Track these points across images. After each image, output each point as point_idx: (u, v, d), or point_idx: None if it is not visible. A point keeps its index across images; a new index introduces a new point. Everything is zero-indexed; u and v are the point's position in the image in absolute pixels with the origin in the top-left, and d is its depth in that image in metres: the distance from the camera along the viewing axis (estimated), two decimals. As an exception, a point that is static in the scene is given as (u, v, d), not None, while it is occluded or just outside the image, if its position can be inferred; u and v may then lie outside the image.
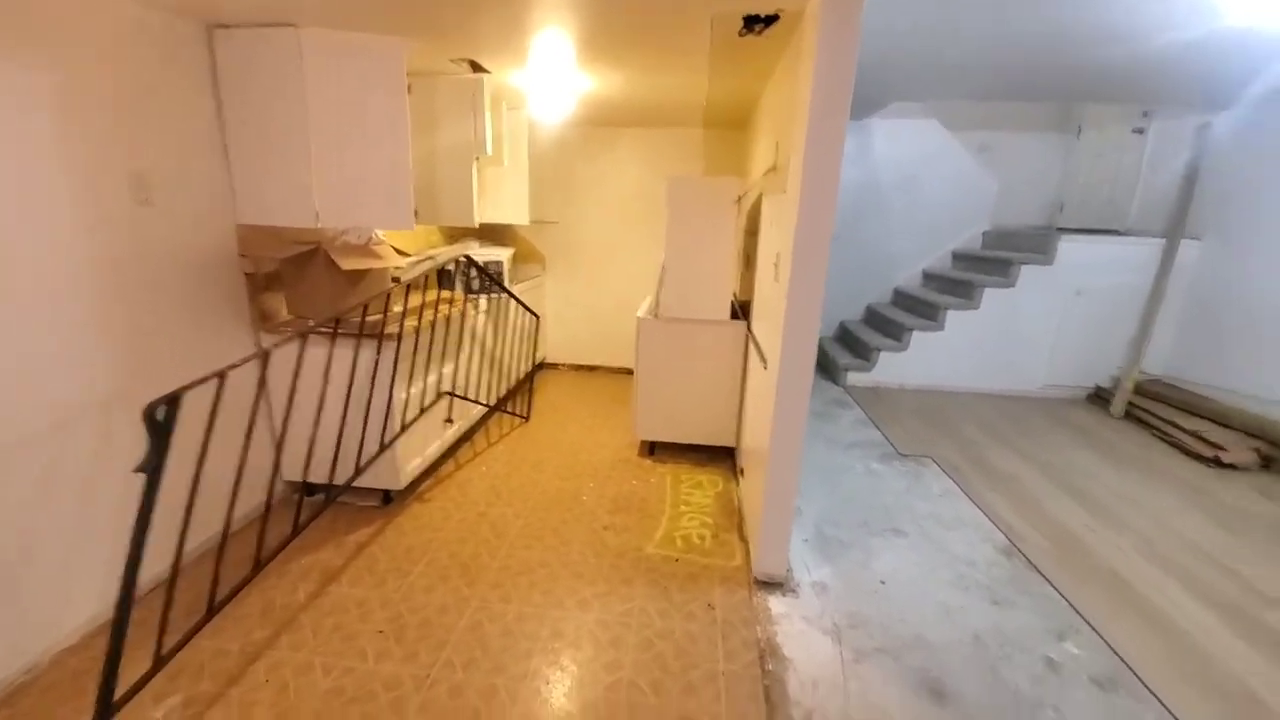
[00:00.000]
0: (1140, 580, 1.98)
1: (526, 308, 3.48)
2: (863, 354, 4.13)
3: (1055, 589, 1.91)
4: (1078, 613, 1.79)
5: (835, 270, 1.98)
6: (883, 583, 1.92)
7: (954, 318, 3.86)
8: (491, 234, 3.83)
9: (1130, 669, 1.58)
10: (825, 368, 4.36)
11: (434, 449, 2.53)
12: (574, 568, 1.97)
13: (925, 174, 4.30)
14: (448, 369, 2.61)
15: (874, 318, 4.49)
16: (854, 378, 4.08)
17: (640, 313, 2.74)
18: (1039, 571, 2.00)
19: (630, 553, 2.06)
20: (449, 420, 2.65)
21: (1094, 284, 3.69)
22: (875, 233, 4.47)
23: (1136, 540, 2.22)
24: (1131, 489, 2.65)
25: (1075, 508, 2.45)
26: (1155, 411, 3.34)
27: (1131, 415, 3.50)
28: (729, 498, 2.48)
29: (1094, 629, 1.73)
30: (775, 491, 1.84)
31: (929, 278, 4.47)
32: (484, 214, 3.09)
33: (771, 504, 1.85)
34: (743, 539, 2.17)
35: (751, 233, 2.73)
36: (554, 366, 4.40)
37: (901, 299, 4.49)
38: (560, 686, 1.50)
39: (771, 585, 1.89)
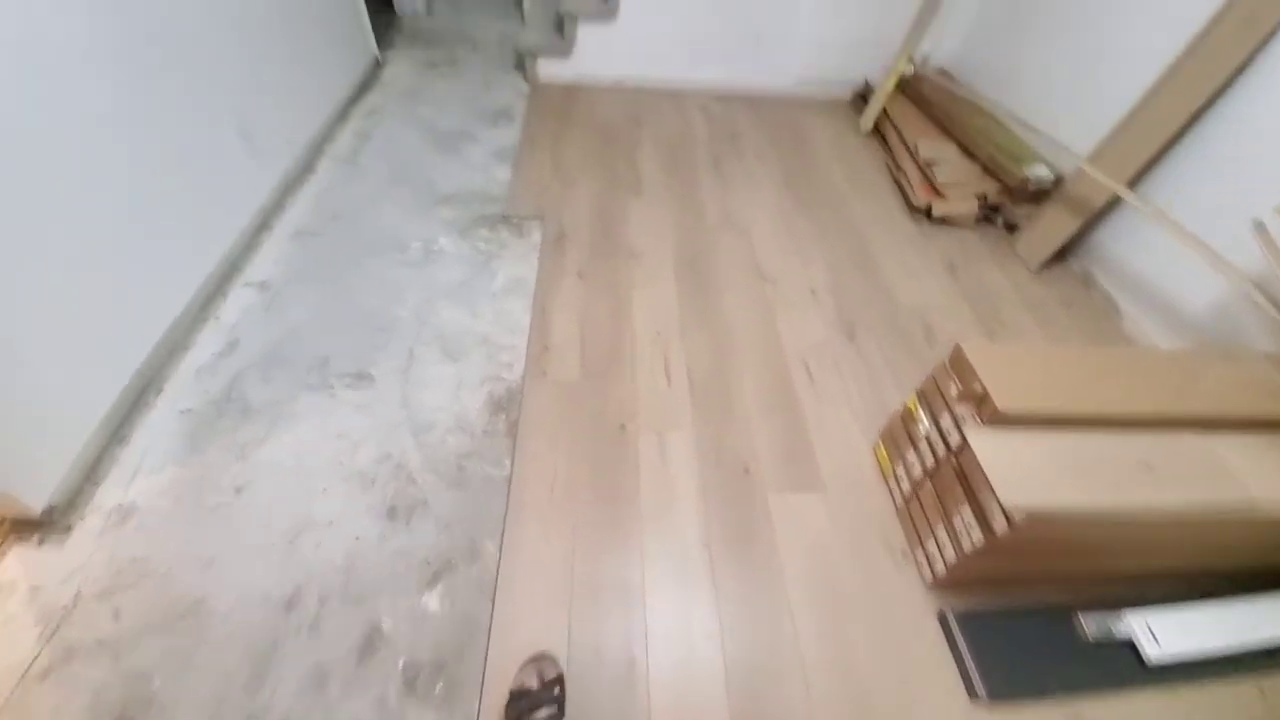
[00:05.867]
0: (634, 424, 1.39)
1: None
2: (560, 28, 2.67)
3: (511, 469, 1.31)
4: (505, 514, 1.23)
5: None
6: (238, 491, 1.23)
7: (682, -41, 2.37)
8: None
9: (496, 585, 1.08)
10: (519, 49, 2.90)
11: None
12: None
13: None
14: None
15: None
16: (549, 69, 2.72)
17: None
18: (514, 438, 1.37)
19: None
20: None
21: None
22: None
23: (697, 355, 1.58)
24: (784, 261, 1.93)
25: (670, 303, 1.73)
26: (905, 127, 2.42)
27: (880, 130, 2.57)
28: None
29: (501, 543, 1.19)
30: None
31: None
32: None
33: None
34: None
35: None
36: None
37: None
38: None
39: (30, 527, 1.15)
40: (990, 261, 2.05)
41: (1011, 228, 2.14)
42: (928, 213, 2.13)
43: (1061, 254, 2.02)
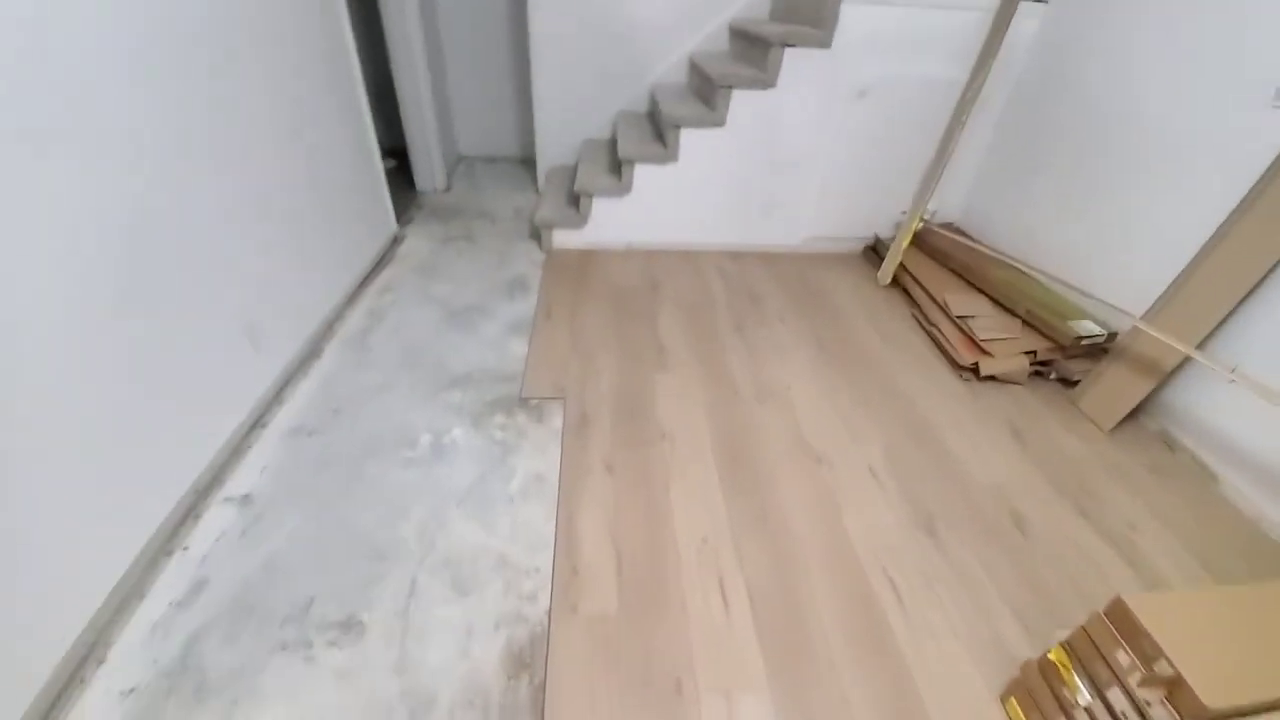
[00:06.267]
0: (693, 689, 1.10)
1: None
2: (575, 202, 2.76)
3: (539, 770, 1.00)
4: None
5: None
6: (168, 831, 0.92)
7: (691, 141, 2.49)
8: None
9: None
10: (535, 223, 3.00)
11: None
12: None
13: None
14: None
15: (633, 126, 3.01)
16: (563, 237, 2.77)
17: None
18: (542, 711, 1.07)
19: None
20: None
21: (887, 76, 2.38)
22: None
23: (756, 569, 1.32)
24: (833, 437, 1.74)
25: (714, 498, 1.51)
26: (927, 281, 2.38)
27: (900, 283, 2.54)
28: None
29: None
30: None
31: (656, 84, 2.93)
32: None
33: None
34: None
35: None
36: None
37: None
38: None
39: None
40: (1055, 422, 1.86)
41: (1067, 383, 1.99)
42: (974, 370, 2.00)
43: (1133, 411, 1.84)
